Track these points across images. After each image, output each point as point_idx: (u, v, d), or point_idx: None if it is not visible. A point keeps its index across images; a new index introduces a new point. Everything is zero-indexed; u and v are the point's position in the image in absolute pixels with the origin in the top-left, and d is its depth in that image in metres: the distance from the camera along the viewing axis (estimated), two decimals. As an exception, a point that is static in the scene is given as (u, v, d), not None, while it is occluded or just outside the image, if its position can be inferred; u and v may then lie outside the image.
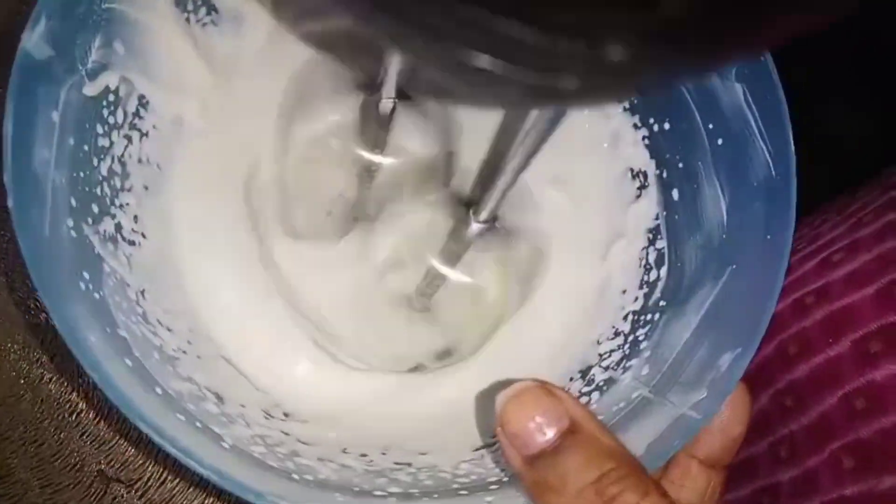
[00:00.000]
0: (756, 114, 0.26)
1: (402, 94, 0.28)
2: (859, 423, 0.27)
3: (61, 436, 0.34)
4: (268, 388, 0.29)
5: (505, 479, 0.24)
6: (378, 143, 0.29)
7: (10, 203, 0.22)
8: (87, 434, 0.34)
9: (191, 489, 0.33)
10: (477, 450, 0.27)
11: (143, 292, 0.27)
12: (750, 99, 0.26)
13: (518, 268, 0.30)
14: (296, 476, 0.23)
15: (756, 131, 0.26)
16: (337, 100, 0.30)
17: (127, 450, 0.34)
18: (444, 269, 0.28)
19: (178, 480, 0.34)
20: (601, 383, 0.28)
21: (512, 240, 0.29)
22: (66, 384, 0.34)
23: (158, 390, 0.23)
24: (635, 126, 0.31)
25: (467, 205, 0.28)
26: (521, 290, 0.30)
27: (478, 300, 0.30)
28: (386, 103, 0.27)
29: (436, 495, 0.24)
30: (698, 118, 0.28)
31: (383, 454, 0.26)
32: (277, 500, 0.20)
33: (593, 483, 0.20)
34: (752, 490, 0.29)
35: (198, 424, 0.23)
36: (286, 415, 0.28)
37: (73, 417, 0.34)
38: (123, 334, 0.24)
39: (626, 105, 0.31)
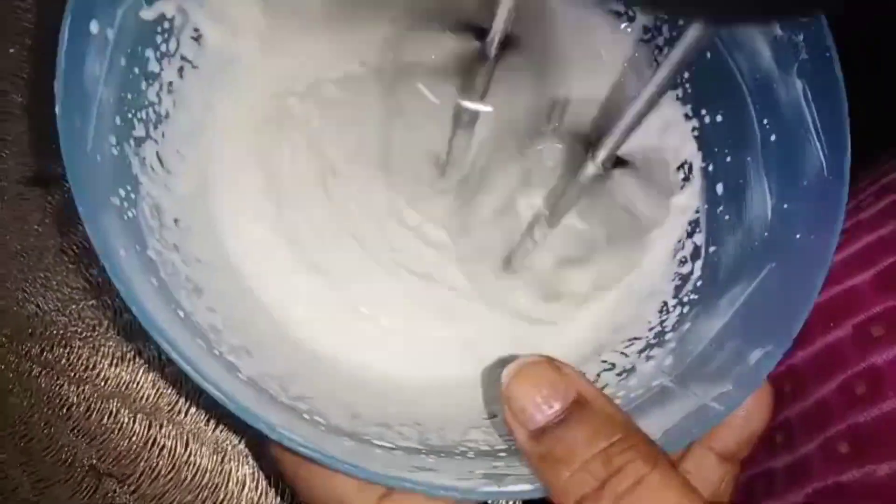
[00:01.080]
0: (814, 112, 0.26)
1: (507, 39, 0.26)
2: (858, 409, 0.27)
3: (52, 430, 0.33)
4: (292, 330, 0.28)
5: (514, 447, 0.24)
6: (480, 90, 0.27)
7: (57, 110, 0.22)
8: (78, 429, 0.33)
9: (183, 484, 0.33)
10: (487, 419, 0.26)
11: (175, 220, 0.27)
12: (810, 96, 0.26)
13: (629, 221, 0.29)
14: (306, 416, 0.23)
15: (812, 130, 0.26)
16: (434, 41, 0.28)
17: (119, 444, 0.33)
18: (547, 221, 0.27)
19: (170, 476, 0.33)
20: (620, 369, 0.27)
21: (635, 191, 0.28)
22: (56, 378, 0.34)
23: (181, 313, 0.23)
24: (686, 116, 0.30)
25: (584, 148, 0.26)
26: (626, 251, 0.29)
27: (584, 254, 0.29)
28: (492, 46, 0.25)
29: (442, 454, 0.23)
30: (753, 112, 0.28)
31: (394, 410, 0.26)
32: (287, 433, 0.20)
33: (600, 453, 0.20)
34: (748, 476, 0.29)
35: (216, 352, 0.23)
36: (304, 357, 0.28)
37: (64, 411, 0.33)
38: (152, 255, 0.24)
39: (679, 94, 0.31)
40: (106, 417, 0.33)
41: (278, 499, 0.33)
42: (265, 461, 0.33)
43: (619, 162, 0.25)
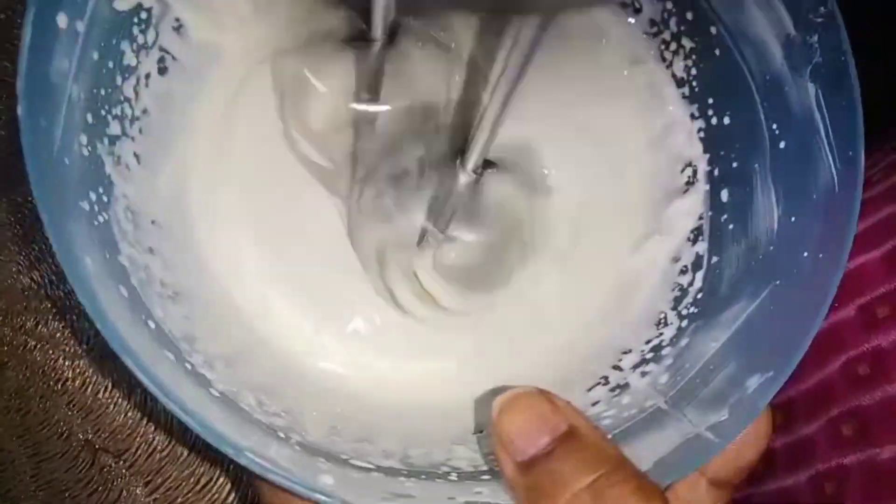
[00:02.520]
0: (827, 120, 0.24)
1: (391, 37, 0.26)
2: (861, 391, 0.26)
3: (47, 405, 0.33)
4: (271, 339, 0.28)
5: (497, 469, 0.23)
6: (370, 90, 0.27)
7: (20, 111, 0.21)
8: (73, 403, 0.33)
9: (179, 460, 0.33)
10: (473, 433, 0.25)
11: (153, 222, 0.26)
12: (822, 102, 0.24)
13: (513, 229, 0.27)
14: (281, 434, 0.22)
15: (824, 140, 0.24)
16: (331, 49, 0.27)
17: (114, 419, 0.33)
18: (435, 228, 0.26)
19: (166, 451, 0.33)
20: (614, 385, 0.26)
21: (512, 198, 0.27)
22: (51, 352, 0.33)
23: (151, 324, 0.22)
24: (692, 116, 0.29)
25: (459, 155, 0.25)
26: (518, 255, 0.28)
27: (471, 260, 0.28)
28: (374, 45, 0.25)
29: (423, 476, 0.22)
30: (762, 116, 0.26)
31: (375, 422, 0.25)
32: (256, 457, 0.19)
33: (589, 486, 0.19)
34: None
35: (187, 366, 0.22)
36: (283, 366, 0.27)
37: (59, 386, 0.33)
38: (123, 262, 0.23)
39: (686, 92, 0.29)
40: (101, 392, 0.33)
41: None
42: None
43: (487, 164, 0.25)
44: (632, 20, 0.30)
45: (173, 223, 0.27)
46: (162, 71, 0.27)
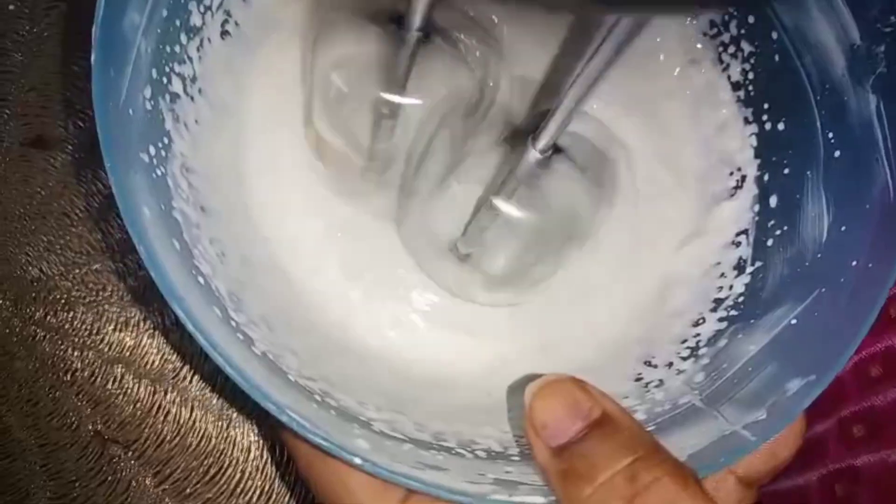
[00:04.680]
0: (887, 131, 0.24)
1: (431, 26, 0.25)
2: (873, 391, 0.26)
3: (57, 395, 0.33)
4: (313, 304, 0.28)
5: (527, 451, 0.23)
6: (401, 81, 0.26)
7: (92, 58, 0.21)
8: (83, 393, 0.33)
9: (188, 451, 0.33)
10: (507, 416, 0.26)
11: (206, 182, 0.26)
12: (884, 113, 0.24)
13: (572, 214, 0.27)
14: (318, 398, 0.22)
15: (882, 151, 0.24)
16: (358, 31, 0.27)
17: (124, 410, 0.33)
18: (498, 204, 0.26)
19: (175, 442, 0.33)
20: (647, 381, 0.26)
21: (574, 182, 0.26)
22: (60, 342, 0.33)
23: (200, 279, 0.22)
24: (746, 120, 0.29)
25: (524, 135, 0.25)
26: (571, 240, 0.27)
27: (528, 241, 0.27)
28: (411, 35, 0.24)
29: (454, 452, 0.23)
30: (819, 124, 0.26)
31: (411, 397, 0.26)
32: (295, 415, 0.20)
33: (624, 469, 0.19)
34: None
35: (232, 323, 0.22)
36: (324, 333, 0.27)
37: (69, 377, 0.33)
38: (177, 216, 0.23)
39: (741, 96, 0.29)
40: (110, 383, 0.33)
41: (283, 466, 0.33)
42: (269, 429, 0.33)
43: (556, 150, 0.24)
44: (692, 20, 0.30)
45: (226, 185, 0.27)
46: (224, 35, 0.27)
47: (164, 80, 0.25)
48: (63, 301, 0.33)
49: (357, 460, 0.19)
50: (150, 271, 0.20)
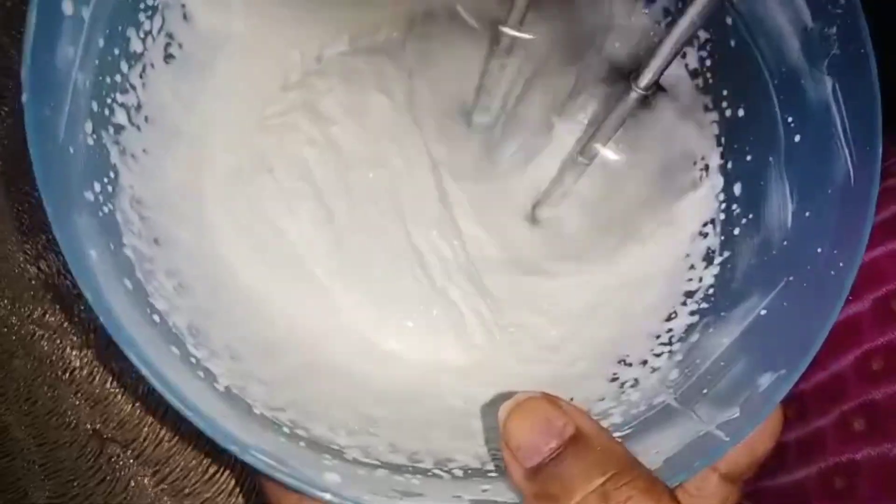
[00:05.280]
0: (844, 113, 0.24)
1: None
2: (874, 385, 0.26)
3: (55, 394, 0.32)
4: (278, 327, 0.27)
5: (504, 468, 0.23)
6: (518, 16, 0.27)
7: (24, 98, 0.21)
8: (81, 392, 0.33)
9: (187, 450, 0.32)
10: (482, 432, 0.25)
11: (159, 212, 0.25)
12: (840, 95, 0.24)
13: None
14: (287, 430, 0.22)
15: (840, 133, 0.24)
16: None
17: (122, 409, 0.32)
18: (597, 145, 0.27)
19: (174, 441, 0.32)
20: (622, 381, 0.26)
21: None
22: (58, 341, 0.33)
23: (156, 318, 0.22)
24: (706, 108, 0.28)
25: (623, 77, 0.27)
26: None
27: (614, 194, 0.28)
28: None
29: (429, 473, 0.22)
30: (777, 108, 0.26)
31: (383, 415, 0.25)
32: (262, 455, 0.19)
33: (597, 490, 0.19)
34: None
35: (192, 360, 0.22)
36: (291, 356, 0.27)
37: (67, 375, 0.33)
38: (128, 254, 0.23)
39: (700, 83, 0.29)
40: (109, 382, 0.33)
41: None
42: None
43: (659, 88, 0.26)
44: (645, 10, 0.29)
45: (182, 212, 0.26)
46: (168, 59, 0.27)
47: (107, 111, 0.24)
48: (61, 300, 0.33)
49: (327, 496, 0.19)
50: (100, 317, 0.19)
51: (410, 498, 0.20)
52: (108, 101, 0.24)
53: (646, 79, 0.24)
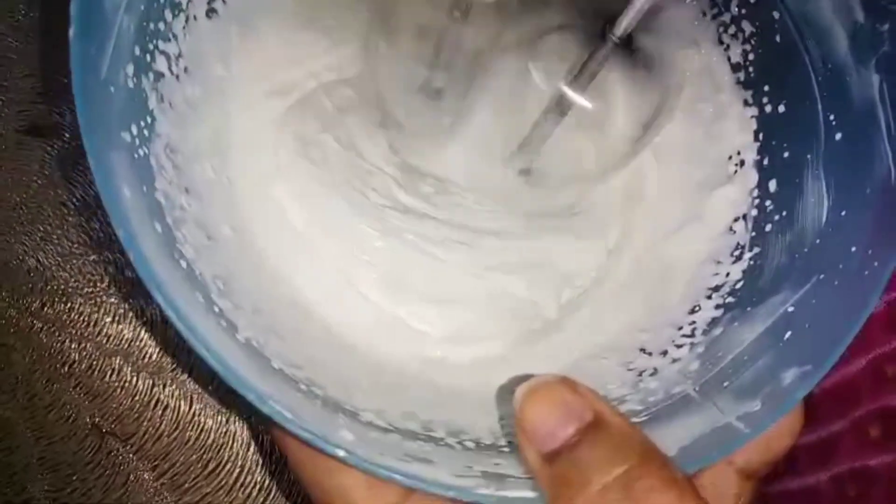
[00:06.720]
0: (889, 114, 0.23)
1: None
2: (889, 391, 0.26)
3: (54, 387, 0.32)
4: (297, 289, 0.27)
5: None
6: None
7: (70, 33, 0.21)
8: (80, 386, 0.32)
9: (187, 445, 0.32)
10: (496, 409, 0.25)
11: (191, 162, 0.25)
12: (886, 94, 0.23)
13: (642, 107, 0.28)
14: (303, 387, 0.22)
15: (884, 132, 0.23)
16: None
17: (121, 403, 0.32)
18: (572, 94, 0.27)
19: (174, 435, 0.32)
20: (641, 370, 0.26)
21: (646, 72, 0.28)
22: (57, 334, 0.33)
23: (183, 263, 0.22)
24: (746, 102, 0.28)
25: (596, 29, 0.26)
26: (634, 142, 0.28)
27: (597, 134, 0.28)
28: None
29: (441, 443, 0.22)
30: (820, 106, 0.25)
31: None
32: (277, 406, 0.19)
33: (619, 478, 0.19)
34: None
35: (216, 309, 0.22)
36: (311, 321, 0.26)
37: (66, 369, 0.32)
38: (160, 198, 0.23)
39: (741, 78, 0.28)
40: (108, 375, 0.33)
41: (282, 461, 0.32)
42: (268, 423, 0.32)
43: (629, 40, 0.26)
44: (691, 0, 0.29)
45: (212, 166, 0.26)
46: (210, 13, 0.27)
47: (148, 57, 0.24)
48: (60, 292, 0.33)
49: (341, 452, 0.19)
50: (130, 254, 0.19)
51: (421, 463, 0.20)
52: (151, 47, 0.24)
53: (621, 27, 0.24)
